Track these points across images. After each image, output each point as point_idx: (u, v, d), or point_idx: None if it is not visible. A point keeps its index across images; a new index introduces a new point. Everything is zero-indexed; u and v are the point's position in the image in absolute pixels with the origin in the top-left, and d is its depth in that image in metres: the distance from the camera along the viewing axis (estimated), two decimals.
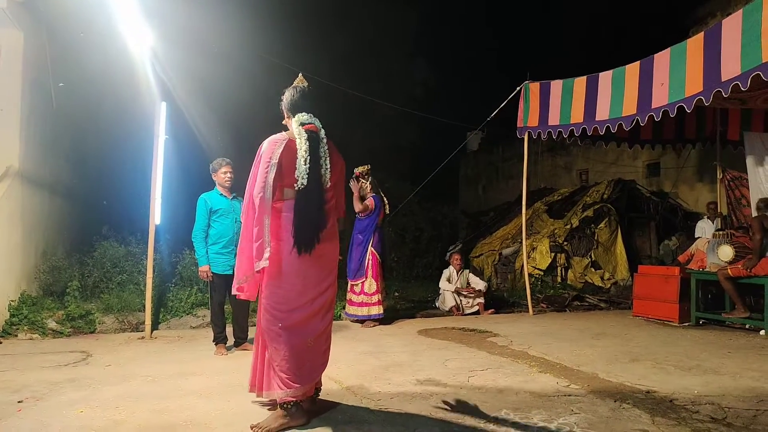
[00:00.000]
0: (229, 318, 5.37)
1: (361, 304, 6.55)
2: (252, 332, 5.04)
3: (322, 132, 3.08)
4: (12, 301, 6.15)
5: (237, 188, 5.09)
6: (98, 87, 8.36)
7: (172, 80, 6.66)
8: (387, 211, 6.87)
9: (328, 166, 3.04)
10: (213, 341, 5.09)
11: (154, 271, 6.01)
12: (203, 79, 9.31)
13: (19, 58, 6.54)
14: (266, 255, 2.90)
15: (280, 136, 3.05)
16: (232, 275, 3.57)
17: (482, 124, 8.56)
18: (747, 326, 6.17)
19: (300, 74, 3.29)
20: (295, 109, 3.13)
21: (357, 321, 6.65)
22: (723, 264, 6.26)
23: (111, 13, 6.09)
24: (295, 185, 2.93)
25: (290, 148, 2.99)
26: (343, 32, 16.53)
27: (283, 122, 3.24)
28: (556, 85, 7.09)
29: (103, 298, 6.78)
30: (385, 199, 6.81)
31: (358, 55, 16.96)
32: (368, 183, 6.67)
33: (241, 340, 5.17)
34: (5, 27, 6.40)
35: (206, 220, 5.03)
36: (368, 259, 6.56)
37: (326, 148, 3.07)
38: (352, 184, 6.58)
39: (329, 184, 3.05)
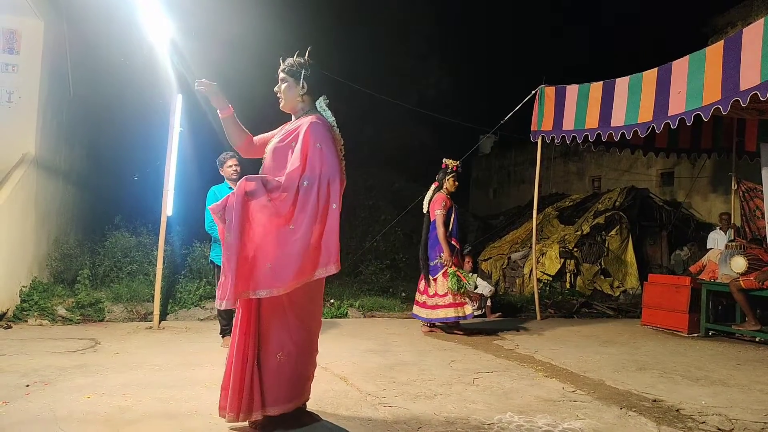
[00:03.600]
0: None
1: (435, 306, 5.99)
2: None
3: None
4: (23, 287, 6.22)
5: None
6: (116, 77, 8.44)
7: (190, 72, 6.69)
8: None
9: None
10: (220, 333, 5.12)
11: (164, 262, 6.05)
12: (221, 72, 9.35)
13: (39, 47, 6.61)
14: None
15: (326, 120, 2.74)
16: None
17: (495, 127, 8.51)
18: (757, 339, 6.10)
19: (309, 48, 2.87)
20: (318, 92, 2.85)
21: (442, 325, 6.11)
22: (735, 275, 6.19)
23: (132, 4, 6.13)
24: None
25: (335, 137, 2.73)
26: (359, 29, 16.57)
27: (299, 96, 2.82)
28: (572, 90, 7.04)
29: (112, 287, 6.83)
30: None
31: (373, 53, 16.99)
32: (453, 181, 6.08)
33: None
34: (26, 16, 6.47)
35: None
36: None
37: None
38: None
39: None
